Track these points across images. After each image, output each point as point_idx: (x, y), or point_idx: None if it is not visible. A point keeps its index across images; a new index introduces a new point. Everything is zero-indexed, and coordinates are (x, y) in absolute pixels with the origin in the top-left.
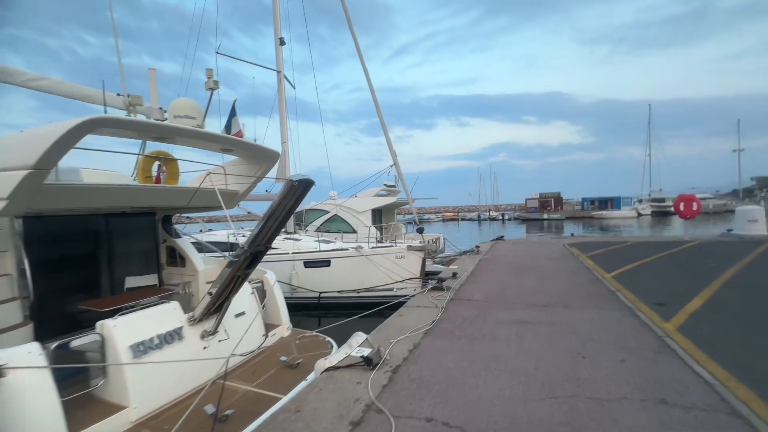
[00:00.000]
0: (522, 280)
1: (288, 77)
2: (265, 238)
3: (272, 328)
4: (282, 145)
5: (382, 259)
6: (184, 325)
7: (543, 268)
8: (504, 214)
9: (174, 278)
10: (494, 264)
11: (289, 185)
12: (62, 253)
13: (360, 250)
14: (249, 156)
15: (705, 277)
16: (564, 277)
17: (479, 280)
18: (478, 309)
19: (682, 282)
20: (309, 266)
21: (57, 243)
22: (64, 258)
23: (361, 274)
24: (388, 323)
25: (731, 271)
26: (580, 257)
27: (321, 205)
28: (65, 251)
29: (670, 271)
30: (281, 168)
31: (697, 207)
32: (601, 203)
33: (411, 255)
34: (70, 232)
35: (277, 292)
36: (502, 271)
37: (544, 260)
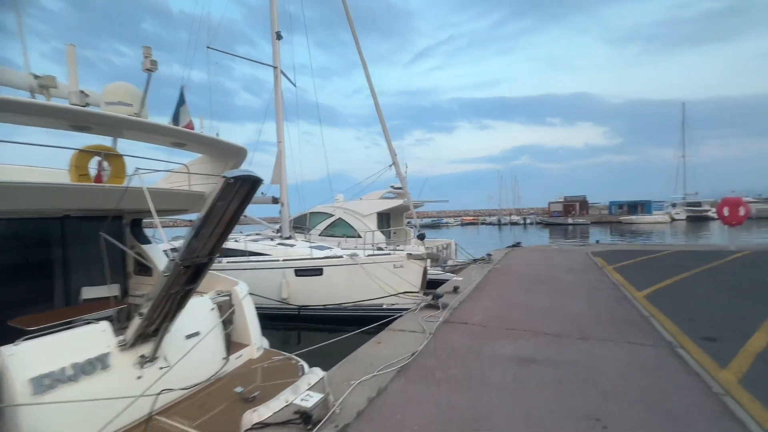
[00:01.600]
0: (533, 298)
1: (287, 74)
2: (205, 247)
3: (241, 347)
4: (278, 144)
5: (378, 268)
6: (112, 351)
7: (560, 281)
8: (526, 218)
9: (143, 288)
10: (505, 275)
11: (224, 184)
12: (3, 261)
13: (354, 258)
14: (211, 153)
15: (766, 301)
16: (584, 295)
17: (483, 296)
18: (473, 337)
19: (737, 306)
20: (300, 275)
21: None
22: (4, 266)
23: (355, 285)
24: (359, 354)
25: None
26: (605, 269)
27: (325, 208)
28: (7, 258)
29: (719, 291)
30: (277, 169)
31: (745, 212)
32: (631, 207)
33: (411, 264)
34: (14, 236)
35: (247, 306)
36: (512, 285)
37: (562, 272)
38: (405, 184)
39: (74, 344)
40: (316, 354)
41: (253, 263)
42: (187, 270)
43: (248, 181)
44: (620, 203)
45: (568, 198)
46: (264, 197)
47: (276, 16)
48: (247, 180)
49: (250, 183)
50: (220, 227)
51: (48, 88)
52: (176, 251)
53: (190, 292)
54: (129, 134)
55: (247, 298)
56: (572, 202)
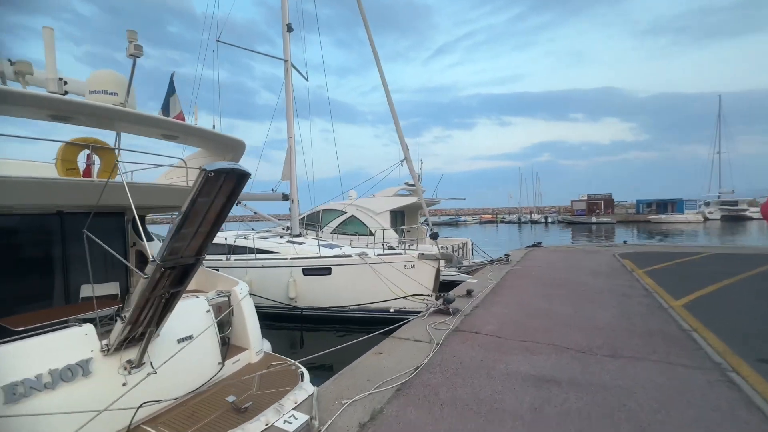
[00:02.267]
0: (554, 304)
1: (299, 69)
2: (190, 247)
3: (240, 351)
4: (288, 140)
5: (387, 268)
6: (95, 356)
7: (585, 286)
8: (547, 217)
9: None
10: (523, 278)
11: (203, 178)
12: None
13: (363, 257)
14: (207, 146)
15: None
16: (613, 303)
17: (499, 302)
18: (485, 349)
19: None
20: (308, 274)
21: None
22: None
23: (363, 285)
24: (357, 366)
25: None
26: (635, 272)
27: (337, 205)
28: (5, 255)
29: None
30: (287, 165)
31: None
32: (660, 206)
33: (422, 265)
34: (11, 233)
35: (247, 307)
36: (531, 289)
37: (586, 275)
38: (417, 180)
39: (53, 348)
40: (319, 357)
41: (261, 261)
42: (172, 271)
43: (233, 175)
44: (648, 201)
45: (592, 196)
46: (274, 194)
47: (286, 8)
48: (231, 174)
49: (235, 177)
50: (206, 226)
51: (24, 75)
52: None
53: (177, 295)
54: (114, 125)
55: (247, 299)
56: (596, 200)
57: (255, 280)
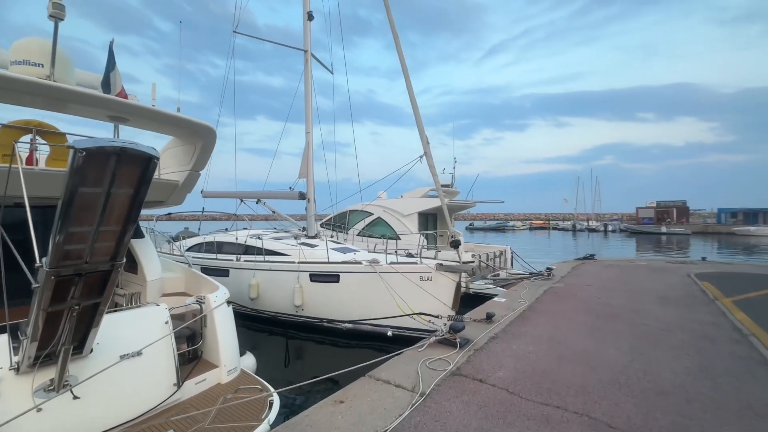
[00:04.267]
0: (600, 344)
1: (320, 60)
2: (98, 250)
3: (210, 369)
4: (306, 135)
5: (400, 279)
6: (4, 375)
7: (646, 319)
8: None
9: (131, 286)
10: (565, 300)
11: (72, 159)
12: None
13: (374, 265)
14: (172, 132)
15: None
16: (688, 350)
17: (524, 333)
18: (485, 413)
19: None
20: (315, 280)
21: None
22: None
23: (373, 297)
24: (299, 422)
25: None
26: (719, 302)
27: (365, 206)
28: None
29: None
30: (304, 162)
31: None
32: (748, 216)
33: (440, 277)
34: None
35: (222, 317)
36: (571, 317)
37: (651, 302)
38: (437, 177)
39: None
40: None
41: (269, 264)
42: (79, 279)
43: (129, 156)
44: (733, 210)
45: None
46: (290, 192)
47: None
48: (125, 155)
49: (136, 160)
50: (113, 223)
51: None
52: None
53: (97, 307)
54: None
55: (224, 308)
56: (667, 208)
57: (262, 284)
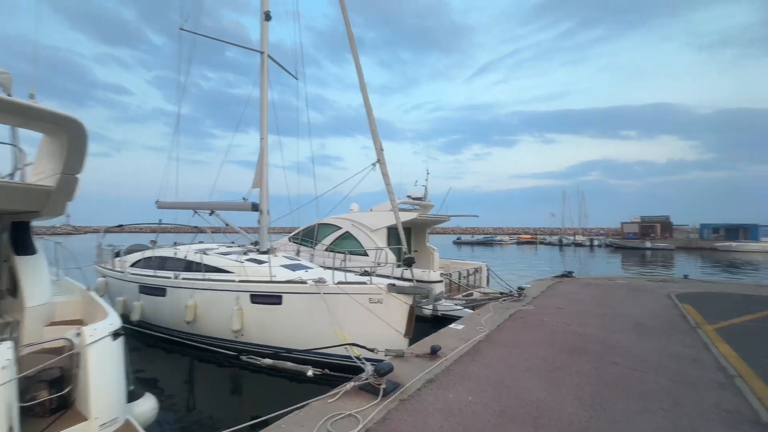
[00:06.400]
0: (558, 392)
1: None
2: None
3: (80, 421)
4: (261, 141)
5: (347, 301)
6: None
7: (617, 354)
8: (593, 239)
9: (12, 313)
10: (529, 329)
11: None
12: None
13: (319, 285)
14: (36, 127)
15: None
16: (663, 398)
17: (469, 374)
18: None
19: None
20: (257, 302)
21: None
22: None
23: (318, 322)
24: None
25: None
26: (700, 330)
27: (334, 219)
28: None
29: None
30: (258, 171)
31: None
32: (730, 231)
33: (392, 299)
34: None
35: (101, 354)
36: (530, 352)
37: (625, 331)
38: (390, 187)
39: None
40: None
41: (207, 282)
42: None
43: None
44: (715, 226)
45: (646, 218)
46: (243, 203)
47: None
48: None
49: None
50: None
51: None
52: None
53: None
54: None
55: (106, 343)
56: (651, 223)
57: (200, 305)
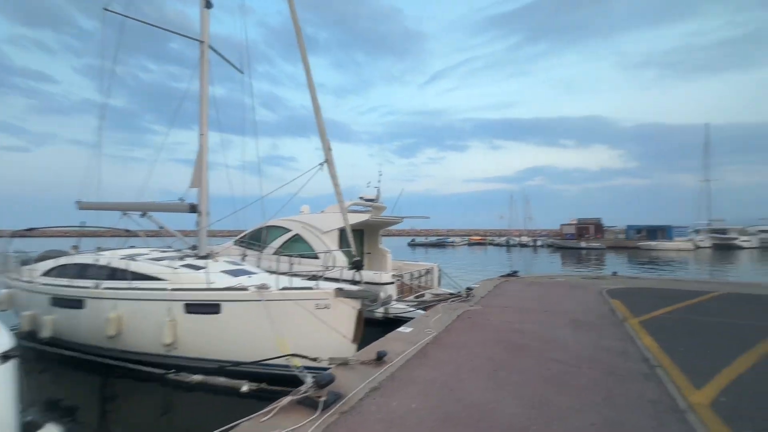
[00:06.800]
0: (500, 393)
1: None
2: None
3: None
4: (200, 137)
5: (292, 308)
6: None
7: (556, 350)
8: (536, 240)
9: None
10: (476, 329)
11: None
12: None
13: (262, 292)
14: None
15: None
16: (596, 392)
17: (415, 379)
18: None
19: None
20: (192, 311)
21: None
22: None
23: (259, 331)
24: None
25: None
26: (627, 323)
27: (283, 221)
28: None
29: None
30: (197, 169)
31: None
32: (650, 232)
33: (340, 304)
34: None
35: None
36: (476, 352)
37: (564, 327)
38: (339, 188)
39: None
40: None
41: (134, 291)
42: None
43: None
44: (639, 227)
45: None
46: (179, 204)
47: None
48: None
49: None
50: None
51: None
52: None
53: None
54: None
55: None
56: (586, 225)
57: (125, 317)
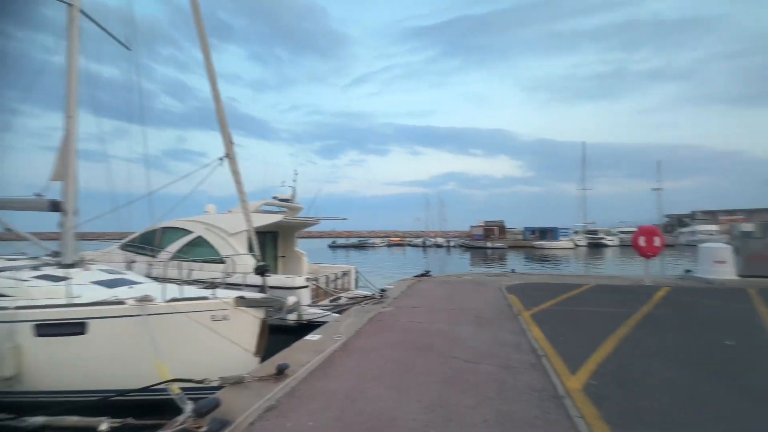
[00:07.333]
0: (403, 397)
1: (107, 28)
2: None
3: None
4: (66, 120)
5: (183, 322)
6: None
7: (459, 346)
8: (450, 241)
9: None
10: (385, 331)
11: None
12: None
13: (143, 305)
14: None
15: None
16: (490, 387)
17: (318, 391)
18: None
19: (735, 410)
20: (45, 333)
21: None
22: None
23: (138, 353)
24: None
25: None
26: (521, 316)
27: (183, 222)
28: None
29: (684, 371)
30: (62, 158)
31: (661, 242)
32: (542, 233)
33: (241, 315)
34: None
35: None
36: (384, 355)
37: (467, 323)
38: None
39: None
40: None
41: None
42: None
43: None
44: (533, 229)
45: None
46: (36, 200)
47: None
48: None
49: None
50: None
51: None
52: None
53: None
54: None
55: None
56: (492, 227)
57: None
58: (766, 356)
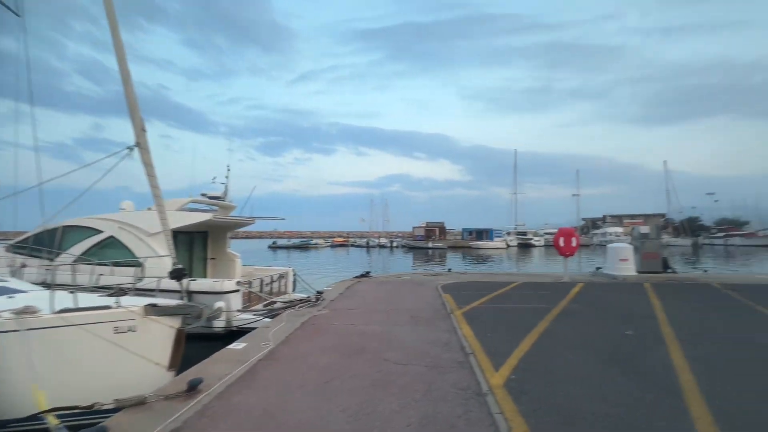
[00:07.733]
0: (328, 406)
1: None
2: None
3: None
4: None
5: (77, 336)
6: None
7: (392, 348)
8: (393, 241)
9: None
10: (318, 335)
11: None
12: None
13: (22, 318)
14: None
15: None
16: (417, 388)
17: (234, 407)
18: None
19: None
20: None
21: None
22: None
23: (14, 376)
24: None
25: (680, 351)
26: (453, 315)
27: (92, 221)
28: None
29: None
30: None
31: (576, 242)
32: (478, 234)
33: (151, 326)
34: None
35: None
36: (312, 362)
37: (402, 323)
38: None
39: None
40: None
41: None
42: None
43: None
44: (470, 230)
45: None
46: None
47: None
48: None
49: None
50: None
51: None
52: None
53: None
54: None
55: None
56: (433, 228)
57: None
58: (656, 342)
